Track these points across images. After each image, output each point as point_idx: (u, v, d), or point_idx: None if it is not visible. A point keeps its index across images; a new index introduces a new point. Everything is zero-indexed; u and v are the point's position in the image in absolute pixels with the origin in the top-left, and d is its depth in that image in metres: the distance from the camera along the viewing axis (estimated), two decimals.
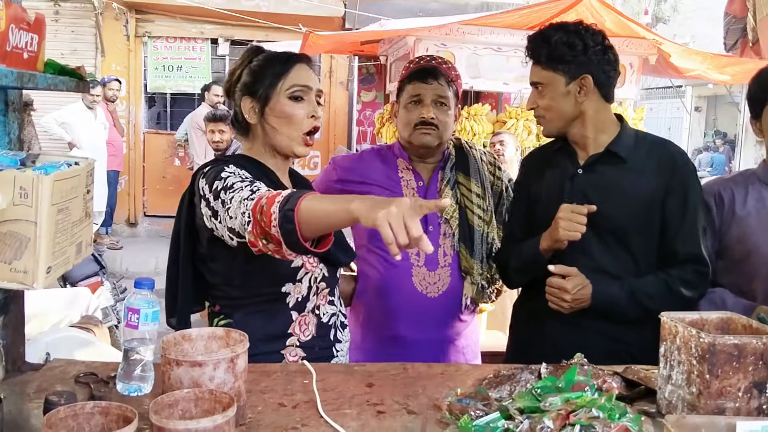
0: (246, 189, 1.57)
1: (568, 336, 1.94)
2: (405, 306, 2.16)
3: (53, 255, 1.31)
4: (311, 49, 6.62)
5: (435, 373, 1.72)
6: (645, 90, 16.70)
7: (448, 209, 2.17)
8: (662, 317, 1.45)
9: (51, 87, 1.45)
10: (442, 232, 2.19)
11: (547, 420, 1.18)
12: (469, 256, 2.18)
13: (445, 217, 2.18)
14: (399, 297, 2.16)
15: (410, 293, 2.16)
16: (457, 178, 2.23)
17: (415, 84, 2.17)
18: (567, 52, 1.93)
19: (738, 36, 3.92)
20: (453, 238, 2.18)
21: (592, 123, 2.00)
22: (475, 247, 2.19)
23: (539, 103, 2.01)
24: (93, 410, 1.16)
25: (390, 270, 2.17)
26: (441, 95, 2.15)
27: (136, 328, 1.45)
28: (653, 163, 1.98)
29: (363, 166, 2.27)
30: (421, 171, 2.24)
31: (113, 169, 8.44)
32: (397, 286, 2.16)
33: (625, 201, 1.95)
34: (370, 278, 2.23)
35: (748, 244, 2.01)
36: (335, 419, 1.41)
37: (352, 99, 10.01)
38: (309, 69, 1.83)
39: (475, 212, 2.20)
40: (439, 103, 2.15)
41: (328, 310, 1.86)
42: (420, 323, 2.15)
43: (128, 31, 9.43)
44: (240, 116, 1.83)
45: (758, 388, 1.34)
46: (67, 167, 1.36)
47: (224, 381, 1.31)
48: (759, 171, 2.11)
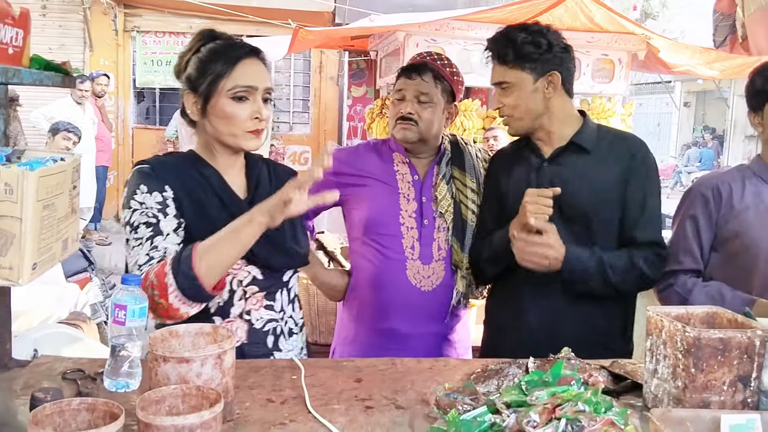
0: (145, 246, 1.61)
1: (540, 324, 2.02)
2: (398, 299, 2.16)
3: (39, 251, 1.30)
4: (301, 44, 6.60)
5: (423, 368, 1.73)
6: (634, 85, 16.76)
7: (444, 203, 2.18)
8: (648, 311, 1.46)
9: (36, 82, 1.44)
10: (436, 226, 2.19)
11: (533, 414, 1.19)
12: (460, 250, 2.19)
13: (441, 211, 2.19)
14: (393, 290, 2.16)
15: (404, 286, 2.16)
16: (452, 173, 2.24)
17: (401, 80, 2.19)
18: (533, 51, 1.99)
19: (727, 33, 3.95)
20: (447, 233, 2.19)
21: (558, 118, 2.06)
22: (466, 242, 2.19)
23: (506, 102, 2.05)
24: (79, 406, 1.16)
25: (384, 263, 2.17)
26: (422, 91, 2.15)
27: (123, 324, 1.44)
28: (615, 154, 2.05)
29: (359, 159, 2.28)
30: (417, 165, 2.25)
31: (102, 165, 8.40)
32: (391, 279, 2.16)
33: (588, 190, 2.01)
34: (364, 271, 2.23)
35: (746, 238, 2.03)
36: (323, 415, 1.41)
37: (342, 94, 9.98)
38: (259, 64, 1.75)
39: (469, 207, 2.21)
40: (420, 99, 2.15)
41: (263, 315, 1.77)
42: (413, 317, 2.15)
43: (117, 25, 9.39)
44: (183, 108, 1.79)
45: (743, 381, 1.35)
46: (52, 163, 1.35)
47: (212, 377, 1.31)
48: (753, 166, 2.13)
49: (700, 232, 2.09)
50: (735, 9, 3.70)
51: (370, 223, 2.20)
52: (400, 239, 2.16)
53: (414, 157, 2.25)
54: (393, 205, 2.19)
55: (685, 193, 2.22)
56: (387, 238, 2.18)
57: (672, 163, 20.23)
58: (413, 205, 2.19)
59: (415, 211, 2.18)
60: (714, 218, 2.08)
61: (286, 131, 10.40)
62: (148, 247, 1.61)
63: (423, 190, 2.20)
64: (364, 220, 2.21)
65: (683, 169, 19.85)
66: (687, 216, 2.13)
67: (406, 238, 2.16)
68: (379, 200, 2.20)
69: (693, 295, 2.03)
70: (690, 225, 2.11)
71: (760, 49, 3.59)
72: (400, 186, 2.20)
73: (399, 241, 2.16)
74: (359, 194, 2.22)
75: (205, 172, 1.76)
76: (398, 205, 2.19)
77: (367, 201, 2.21)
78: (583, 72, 5.86)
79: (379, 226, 2.19)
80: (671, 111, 21.42)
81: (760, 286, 2.00)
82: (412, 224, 2.17)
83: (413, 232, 2.17)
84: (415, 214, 2.18)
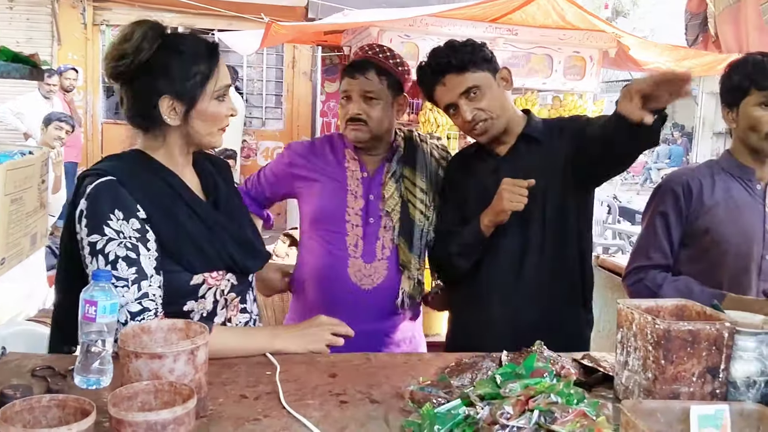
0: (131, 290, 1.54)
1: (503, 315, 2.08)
2: (338, 296, 2.15)
3: (6, 246, 1.28)
4: (274, 38, 6.55)
5: (398, 363, 1.73)
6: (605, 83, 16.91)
7: (391, 202, 2.17)
8: (619, 304, 1.48)
9: (4, 75, 1.41)
10: (382, 224, 2.19)
11: (506, 406, 1.20)
12: (408, 250, 2.17)
13: (387, 210, 2.18)
14: (333, 287, 2.16)
15: (344, 284, 2.15)
16: (402, 171, 2.22)
17: (345, 79, 2.18)
18: (483, 53, 2.09)
19: (697, 32, 4.01)
20: (393, 232, 2.18)
21: (512, 112, 2.15)
22: (414, 242, 2.18)
23: (481, 105, 2.06)
24: (50, 403, 1.14)
25: (326, 259, 2.17)
26: (368, 90, 2.14)
27: (94, 320, 1.43)
28: (558, 133, 2.13)
29: (313, 154, 2.28)
30: (367, 162, 2.24)
31: (70, 161, 8.26)
32: (332, 275, 2.16)
33: (548, 174, 2.07)
34: (309, 266, 2.23)
35: (716, 234, 2.07)
36: (298, 410, 1.40)
37: (315, 90, 9.94)
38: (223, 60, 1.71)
39: (417, 207, 2.19)
40: (366, 97, 2.14)
41: (240, 319, 1.79)
42: (353, 315, 2.08)
43: (85, 19, 9.25)
44: (144, 111, 1.64)
45: (711, 373, 1.37)
46: (20, 156, 1.33)
47: (184, 373, 1.30)
48: (723, 162, 2.16)
49: (670, 228, 2.12)
50: (704, 8, 3.76)
51: (316, 218, 2.21)
52: (344, 236, 2.16)
53: (365, 154, 2.24)
54: (340, 201, 2.18)
55: (655, 189, 2.24)
56: (331, 235, 2.17)
57: (642, 160, 20.47)
58: (360, 203, 2.18)
59: (361, 209, 2.18)
60: (684, 214, 2.11)
61: (259, 127, 10.34)
62: (136, 293, 1.54)
63: (371, 187, 2.19)
64: (312, 215, 2.22)
65: (653, 165, 20.12)
66: (657, 212, 2.15)
67: (350, 236, 2.16)
68: (327, 196, 2.19)
69: (662, 289, 2.06)
70: (660, 221, 2.14)
71: (730, 48, 3.66)
72: (348, 183, 2.20)
73: (343, 237, 2.16)
74: (310, 189, 2.23)
75: (169, 179, 1.67)
76: (345, 202, 2.18)
77: (316, 196, 2.21)
78: (555, 69, 5.90)
79: (325, 222, 2.19)
80: None
81: (729, 281, 2.04)
82: (357, 222, 2.17)
83: (358, 229, 2.17)
84: (361, 211, 2.18)
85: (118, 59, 1.58)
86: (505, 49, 5.66)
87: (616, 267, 3.79)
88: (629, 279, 2.17)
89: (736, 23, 3.55)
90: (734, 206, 2.07)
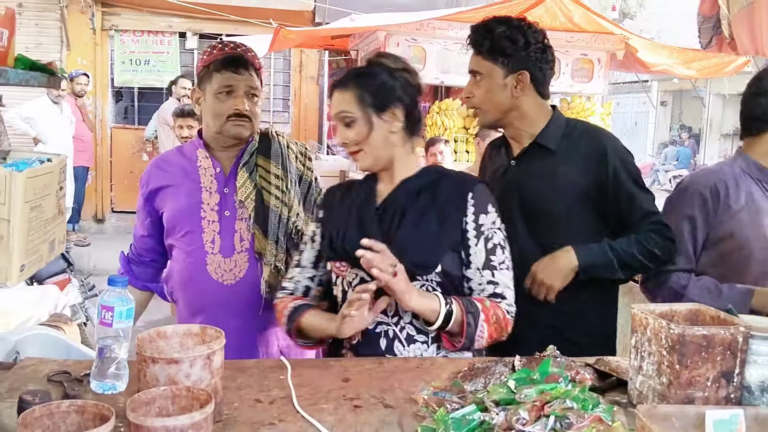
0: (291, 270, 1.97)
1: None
2: (203, 296, 2.12)
3: (26, 253, 1.29)
4: (281, 43, 6.60)
5: (410, 367, 1.73)
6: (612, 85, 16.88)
7: (243, 190, 2.14)
8: (633, 309, 1.48)
9: (22, 83, 1.42)
10: (238, 216, 2.15)
11: (522, 411, 1.20)
12: (263, 237, 2.13)
13: (240, 199, 2.14)
14: (196, 287, 2.13)
15: (206, 282, 2.11)
16: (256, 161, 2.19)
17: (227, 74, 2.10)
18: (509, 46, 1.99)
19: (711, 34, 4.00)
20: (249, 221, 2.14)
21: (527, 118, 2.07)
22: (270, 227, 2.14)
23: (475, 92, 2.07)
24: (69, 409, 1.15)
25: (186, 260, 2.14)
26: (252, 86, 2.13)
27: (110, 325, 1.44)
28: (582, 151, 2.04)
29: (164, 163, 2.26)
30: (221, 158, 2.20)
31: (82, 165, 8.32)
32: (193, 276, 2.12)
33: (553, 190, 2.03)
34: (174, 273, 2.21)
35: (740, 239, 2.05)
36: (312, 414, 1.41)
37: (322, 94, 9.98)
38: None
39: (273, 192, 2.16)
40: (251, 94, 2.13)
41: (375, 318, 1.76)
42: (219, 313, 2.07)
43: (94, 24, 9.29)
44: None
45: (726, 377, 1.37)
46: (39, 164, 1.34)
47: (201, 378, 1.31)
48: (742, 164, 2.13)
49: (696, 232, 2.10)
50: (716, 10, 3.76)
51: (174, 221, 2.17)
52: (200, 233, 2.12)
53: (219, 151, 2.20)
54: (195, 200, 2.15)
55: (680, 191, 2.19)
56: (189, 236, 2.13)
57: (649, 162, 20.43)
58: (215, 198, 2.14)
59: (217, 204, 2.14)
60: (711, 218, 2.08)
61: None
62: (289, 274, 1.96)
63: (228, 181, 2.16)
64: (169, 220, 2.18)
65: (660, 167, 20.06)
66: (684, 216, 2.12)
67: (206, 232, 2.12)
68: (182, 196, 2.16)
69: (688, 290, 2.05)
70: (687, 225, 2.10)
71: (746, 49, 3.66)
72: (202, 180, 2.16)
73: (199, 235, 2.12)
74: (166, 195, 2.19)
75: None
76: (200, 200, 2.14)
77: (171, 200, 2.18)
78: (563, 72, 5.92)
79: (182, 223, 2.15)
80: (648, 110, 21.61)
81: (752, 285, 2.03)
82: (213, 217, 2.13)
83: (214, 225, 2.12)
84: (217, 206, 2.14)
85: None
86: None
87: None
88: (651, 282, 2.15)
89: (750, 25, 3.55)
90: (756, 210, 2.06)
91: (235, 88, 2.10)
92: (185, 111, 5.47)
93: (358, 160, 1.85)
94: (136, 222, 2.30)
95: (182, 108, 5.59)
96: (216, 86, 2.10)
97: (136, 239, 2.29)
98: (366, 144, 1.80)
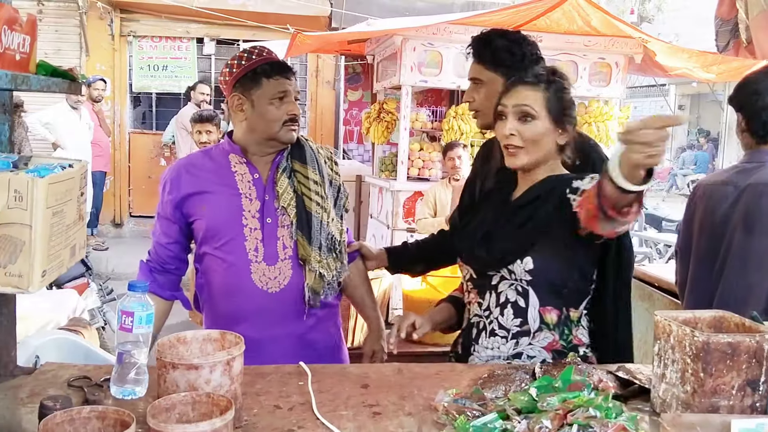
0: None
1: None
2: (246, 305, 2.09)
3: (48, 258, 1.29)
4: (299, 48, 6.61)
5: (430, 374, 1.73)
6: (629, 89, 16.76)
7: (285, 197, 2.11)
8: (656, 316, 1.47)
9: (44, 89, 1.43)
10: (280, 223, 2.12)
11: (545, 420, 1.19)
12: (307, 243, 2.10)
13: (283, 205, 2.11)
14: (240, 297, 2.09)
15: (250, 291, 2.08)
16: (293, 166, 2.17)
17: (280, 79, 2.10)
18: (508, 57, 2.14)
19: (728, 38, 3.96)
20: (291, 228, 2.12)
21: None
22: (313, 234, 2.12)
23: (476, 97, 2.21)
24: (90, 415, 1.15)
25: (230, 269, 2.09)
26: (298, 91, 2.16)
27: (130, 331, 1.45)
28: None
29: (195, 168, 2.18)
30: (257, 163, 2.16)
31: (99, 170, 8.38)
32: (236, 285, 2.09)
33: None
34: (212, 284, 2.15)
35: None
36: (331, 421, 1.40)
37: (338, 98, 10.01)
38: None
39: (313, 199, 2.14)
40: (296, 98, 2.15)
41: (474, 310, 1.95)
42: (263, 321, 2.07)
43: (113, 30, 9.37)
44: None
45: (751, 385, 1.35)
46: (60, 170, 1.35)
47: (221, 384, 1.31)
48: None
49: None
50: (735, 13, 3.72)
51: (213, 230, 2.11)
52: (242, 241, 2.08)
53: (257, 156, 2.17)
54: (235, 207, 2.10)
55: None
56: (230, 243, 2.09)
57: (667, 167, 20.28)
58: (256, 205, 2.11)
59: (258, 211, 2.10)
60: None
61: None
62: None
63: (267, 187, 2.13)
64: (207, 229, 2.12)
65: (678, 171, 19.91)
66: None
67: (249, 240, 2.08)
68: (221, 204, 2.11)
69: None
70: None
71: (765, 53, 3.61)
72: (240, 187, 2.12)
73: (242, 243, 2.08)
74: (201, 202, 2.12)
75: None
76: (240, 206, 2.10)
77: (210, 207, 2.11)
78: (580, 76, 5.88)
79: (222, 230, 2.10)
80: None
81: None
82: (255, 225, 2.09)
83: (256, 232, 2.09)
84: (258, 213, 2.10)
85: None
86: None
87: (645, 276, 3.74)
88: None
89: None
90: None
91: (288, 94, 2.11)
92: (203, 116, 5.49)
93: (513, 156, 1.86)
94: (158, 229, 2.21)
95: (200, 113, 5.61)
96: (270, 92, 2.09)
97: (159, 247, 2.20)
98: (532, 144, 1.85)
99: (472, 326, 1.94)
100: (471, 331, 1.94)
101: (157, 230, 2.20)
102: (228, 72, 2.13)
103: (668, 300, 3.39)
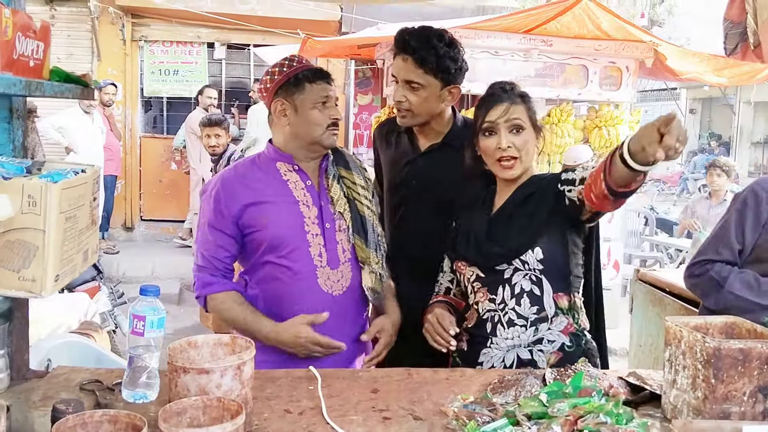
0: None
1: None
2: (314, 309, 2.08)
3: (61, 263, 1.30)
4: (308, 53, 6.62)
5: (439, 379, 1.73)
6: (640, 92, 16.75)
7: (340, 202, 2.16)
8: (667, 322, 1.46)
9: (57, 95, 1.44)
10: (337, 227, 2.15)
11: (555, 426, 1.19)
12: (364, 245, 2.16)
13: (339, 211, 2.15)
14: (309, 302, 2.09)
15: (318, 296, 2.09)
16: (339, 173, 2.21)
17: (323, 84, 2.13)
18: (451, 66, 2.23)
19: (737, 41, 3.94)
20: (348, 231, 2.16)
21: (443, 120, 2.36)
22: (369, 236, 2.17)
23: (411, 99, 2.25)
24: (102, 418, 1.16)
25: (296, 276, 2.09)
26: (336, 96, 2.18)
27: (142, 335, 1.45)
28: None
29: (249, 185, 2.14)
30: (306, 170, 2.18)
31: (111, 174, 8.42)
32: (305, 291, 2.09)
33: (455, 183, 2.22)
34: (277, 291, 2.12)
35: None
36: (341, 426, 1.41)
37: (348, 102, 10.01)
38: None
39: (363, 203, 2.20)
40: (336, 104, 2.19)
41: (486, 306, 1.99)
42: (333, 324, 2.08)
43: (124, 35, 9.41)
44: None
45: (763, 392, 1.35)
46: (73, 175, 1.36)
47: (231, 388, 1.31)
48: None
49: (745, 226, 2.12)
50: (745, 16, 3.70)
51: (277, 239, 2.09)
52: (307, 248, 2.09)
53: (305, 162, 2.18)
54: (295, 215, 2.10)
55: (744, 189, 2.24)
56: (296, 251, 2.08)
57: (678, 170, 20.18)
58: (314, 211, 2.12)
59: (317, 217, 2.12)
60: (763, 220, 2.09)
61: None
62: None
63: (321, 193, 2.15)
64: (271, 238, 2.09)
65: (690, 176, 19.81)
66: (735, 209, 2.15)
67: (313, 246, 2.10)
68: (283, 213, 2.10)
69: (728, 281, 2.08)
70: (735, 217, 2.14)
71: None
72: (295, 194, 2.13)
73: (306, 250, 2.09)
74: (260, 212, 2.09)
75: None
76: (301, 214, 2.11)
77: (270, 217, 2.09)
78: (591, 80, 5.86)
79: (288, 239, 2.09)
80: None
81: None
82: (316, 231, 2.11)
83: (318, 238, 2.11)
84: (317, 219, 2.12)
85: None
86: (540, 60, 5.64)
87: (656, 281, 3.73)
88: (694, 269, 2.19)
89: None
90: None
91: (329, 98, 2.14)
92: (212, 120, 5.52)
93: (510, 168, 2.00)
94: (211, 241, 2.12)
95: (209, 117, 5.64)
96: (314, 96, 2.11)
97: (216, 261, 2.12)
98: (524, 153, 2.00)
99: (486, 321, 1.98)
100: (485, 326, 1.98)
101: (210, 243, 2.12)
102: (269, 79, 2.14)
103: (679, 305, 3.37)
